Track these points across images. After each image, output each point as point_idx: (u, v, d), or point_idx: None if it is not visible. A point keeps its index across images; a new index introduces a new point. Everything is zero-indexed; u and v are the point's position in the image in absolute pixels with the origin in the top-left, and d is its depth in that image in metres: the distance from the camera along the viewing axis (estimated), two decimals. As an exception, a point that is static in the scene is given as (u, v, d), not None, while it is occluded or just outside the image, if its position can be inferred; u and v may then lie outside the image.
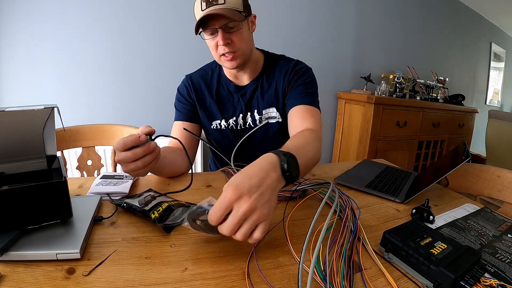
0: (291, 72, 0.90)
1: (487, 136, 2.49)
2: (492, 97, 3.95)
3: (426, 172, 0.85)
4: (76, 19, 1.58)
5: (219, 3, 0.73)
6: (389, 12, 2.53)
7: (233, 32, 0.78)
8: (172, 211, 0.54)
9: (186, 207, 0.57)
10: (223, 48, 0.78)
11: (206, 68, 0.97)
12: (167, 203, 0.55)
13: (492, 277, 0.41)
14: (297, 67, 0.91)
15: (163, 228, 0.50)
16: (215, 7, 0.73)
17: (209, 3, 0.73)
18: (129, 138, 0.55)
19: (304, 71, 0.91)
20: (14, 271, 0.38)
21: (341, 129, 2.39)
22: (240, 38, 0.79)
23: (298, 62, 0.93)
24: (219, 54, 0.80)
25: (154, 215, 0.50)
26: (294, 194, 0.65)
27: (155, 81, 1.81)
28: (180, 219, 0.53)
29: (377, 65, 2.57)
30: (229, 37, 0.77)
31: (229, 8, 0.74)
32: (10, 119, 0.43)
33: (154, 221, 0.50)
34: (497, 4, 3.05)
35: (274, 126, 0.94)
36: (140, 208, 0.52)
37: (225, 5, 0.74)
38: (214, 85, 0.93)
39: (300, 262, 0.36)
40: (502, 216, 0.65)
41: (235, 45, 0.79)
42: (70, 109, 1.64)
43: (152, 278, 0.38)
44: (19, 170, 0.48)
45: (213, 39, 0.78)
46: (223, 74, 0.93)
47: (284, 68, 0.91)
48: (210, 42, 0.79)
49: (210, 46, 0.81)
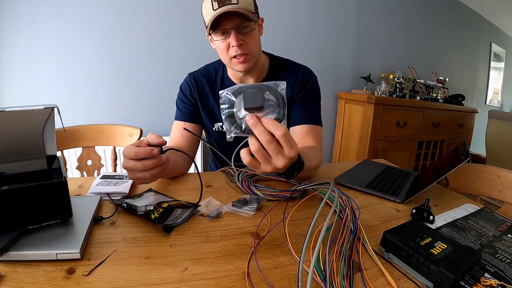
0: (300, 83, 0.90)
1: (487, 136, 2.49)
2: (492, 97, 3.95)
3: (426, 172, 0.85)
4: (76, 19, 1.58)
5: (232, 3, 0.71)
6: (389, 12, 2.53)
7: (246, 33, 0.76)
8: (172, 211, 0.54)
9: (186, 207, 0.57)
10: (235, 49, 0.75)
11: (209, 68, 0.95)
12: (167, 203, 0.55)
13: (492, 277, 0.41)
14: (305, 78, 0.91)
15: (163, 228, 0.50)
16: (229, 7, 0.71)
17: (221, 3, 0.71)
18: (141, 150, 0.54)
19: (312, 83, 0.91)
20: (14, 271, 0.38)
21: (341, 129, 2.39)
22: (252, 39, 0.78)
23: (305, 70, 0.92)
24: (230, 56, 0.78)
25: (154, 215, 0.50)
26: (294, 194, 0.65)
27: (155, 81, 1.81)
28: (180, 219, 0.53)
29: (377, 65, 2.57)
30: (242, 38, 0.75)
31: (242, 8, 0.72)
32: (10, 119, 0.43)
33: (154, 221, 0.50)
34: (497, 4, 3.05)
35: None
36: (140, 209, 0.52)
37: (239, 5, 0.72)
38: (217, 87, 0.92)
39: (300, 262, 0.36)
40: (502, 216, 0.65)
41: (248, 46, 0.77)
42: (70, 109, 1.64)
43: (152, 278, 0.38)
44: (19, 170, 0.48)
45: (224, 40, 0.76)
46: (226, 76, 0.92)
47: (292, 77, 0.90)
48: (221, 43, 0.77)
49: (220, 48, 0.78)
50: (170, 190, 0.68)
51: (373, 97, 2.01)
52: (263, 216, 0.57)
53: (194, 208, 0.58)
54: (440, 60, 3.06)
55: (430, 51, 2.95)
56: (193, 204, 0.58)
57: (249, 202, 0.61)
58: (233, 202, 0.61)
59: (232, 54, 0.76)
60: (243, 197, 0.64)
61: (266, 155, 0.44)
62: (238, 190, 0.70)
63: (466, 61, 3.39)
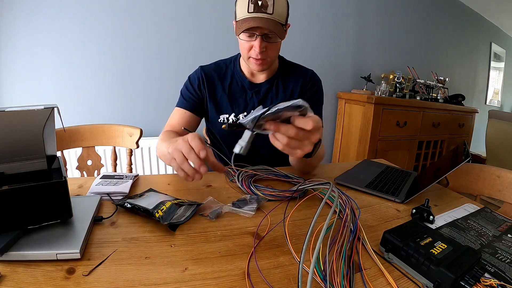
0: (308, 82, 0.97)
1: (487, 136, 2.49)
2: (492, 97, 3.95)
3: (426, 172, 0.85)
4: (76, 19, 1.58)
5: (267, 12, 0.75)
6: (389, 12, 2.53)
7: (270, 43, 0.81)
8: (175, 210, 0.54)
9: (189, 206, 0.57)
10: (256, 53, 0.80)
11: (220, 63, 0.98)
12: (170, 202, 0.55)
13: (492, 277, 0.41)
14: (313, 80, 0.98)
15: (168, 226, 0.50)
16: (263, 15, 0.75)
17: (257, 8, 0.74)
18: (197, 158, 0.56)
19: (318, 86, 0.98)
20: (14, 271, 0.38)
21: (341, 129, 2.39)
22: (274, 48, 0.84)
23: (313, 73, 1.00)
24: (249, 56, 0.83)
25: (159, 214, 0.50)
26: (294, 194, 0.65)
27: (155, 81, 1.81)
28: (184, 217, 0.53)
29: (377, 65, 2.57)
30: (266, 45, 0.80)
31: (275, 20, 0.76)
32: (10, 119, 0.43)
33: (159, 219, 0.50)
34: (497, 4, 3.05)
35: None
36: (144, 208, 0.52)
37: (273, 16, 0.76)
38: (227, 80, 0.95)
39: (300, 262, 0.36)
40: (502, 216, 0.65)
41: (268, 53, 0.82)
42: (70, 109, 1.64)
43: (152, 278, 0.38)
44: (19, 170, 0.48)
45: (249, 42, 0.80)
46: (237, 70, 0.95)
47: (301, 76, 0.96)
48: (245, 42, 0.81)
49: (243, 45, 0.82)
50: (170, 190, 0.68)
51: (373, 97, 2.01)
52: (263, 216, 0.57)
53: (197, 206, 0.58)
54: (440, 60, 3.06)
55: (430, 51, 2.95)
56: (195, 203, 0.58)
57: (249, 202, 0.61)
58: (233, 202, 0.61)
59: (252, 55, 0.82)
60: (243, 197, 0.64)
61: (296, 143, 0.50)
62: (238, 190, 0.70)
63: (466, 61, 3.39)
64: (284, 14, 0.79)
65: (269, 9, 0.75)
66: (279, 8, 0.77)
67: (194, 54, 1.83)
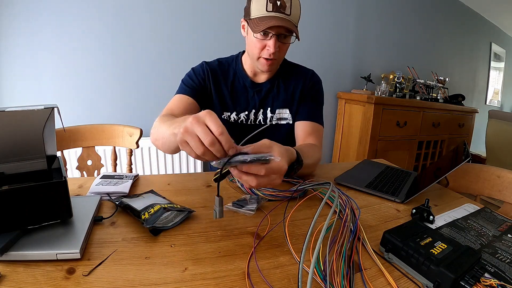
0: (309, 82, 0.97)
1: (487, 136, 2.49)
2: (492, 97, 3.95)
3: (426, 172, 0.85)
4: (76, 19, 1.58)
5: (285, 13, 0.75)
6: (389, 12, 2.53)
7: (284, 43, 0.82)
8: (163, 214, 0.52)
9: (179, 212, 0.54)
10: (269, 53, 0.80)
11: (222, 61, 0.98)
12: (159, 205, 0.53)
13: (492, 277, 0.41)
14: (313, 80, 0.98)
15: (150, 230, 0.48)
16: (282, 16, 0.75)
17: (276, 8, 0.74)
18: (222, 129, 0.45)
19: (318, 86, 0.99)
20: (14, 271, 0.38)
21: (341, 129, 2.39)
22: (285, 50, 0.85)
23: (313, 73, 1.00)
24: (260, 55, 0.82)
25: (145, 216, 0.50)
26: (294, 194, 0.65)
27: (155, 81, 1.81)
28: (172, 223, 0.51)
29: (377, 65, 2.57)
30: (279, 45, 0.80)
31: (292, 21, 0.77)
32: (10, 119, 0.43)
33: (143, 222, 0.48)
34: (497, 4, 3.05)
35: (283, 127, 0.97)
36: (134, 208, 0.52)
37: (290, 17, 0.76)
38: (230, 77, 0.95)
39: (300, 262, 0.36)
40: (502, 216, 0.65)
41: (279, 54, 0.83)
42: (70, 109, 1.64)
43: (152, 278, 0.38)
44: (19, 170, 0.48)
45: (262, 41, 0.80)
46: (239, 69, 0.95)
47: (302, 77, 0.97)
48: (258, 41, 0.80)
49: (255, 44, 0.81)
50: (170, 190, 0.68)
51: (373, 97, 2.02)
52: (263, 216, 0.57)
53: (189, 213, 0.55)
54: (440, 60, 3.06)
55: (430, 51, 2.95)
56: (187, 209, 0.56)
57: (249, 202, 0.61)
58: (233, 202, 0.61)
59: (264, 55, 0.81)
60: (243, 197, 0.64)
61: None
62: (238, 190, 0.70)
63: (466, 61, 3.39)
64: (298, 16, 0.80)
65: (287, 10, 0.75)
66: (295, 10, 0.78)
67: (194, 54, 1.83)
